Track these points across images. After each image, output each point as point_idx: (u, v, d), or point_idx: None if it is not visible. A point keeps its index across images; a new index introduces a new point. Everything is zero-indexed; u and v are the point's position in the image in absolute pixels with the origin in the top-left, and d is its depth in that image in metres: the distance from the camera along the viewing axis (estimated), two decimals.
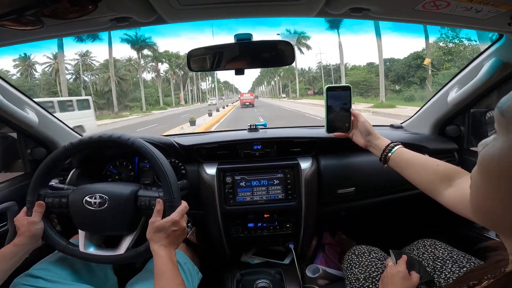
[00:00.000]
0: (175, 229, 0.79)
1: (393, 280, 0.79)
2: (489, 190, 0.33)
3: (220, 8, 0.74)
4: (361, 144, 0.94)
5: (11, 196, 1.04)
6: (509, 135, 0.30)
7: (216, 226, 1.16)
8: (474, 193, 0.36)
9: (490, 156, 0.33)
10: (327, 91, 0.94)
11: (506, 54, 0.94)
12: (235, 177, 1.13)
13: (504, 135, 0.31)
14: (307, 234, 1.22)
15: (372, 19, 0.79)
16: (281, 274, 1.24)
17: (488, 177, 0.33)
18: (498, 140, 0.32)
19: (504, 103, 0.32)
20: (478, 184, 0.35)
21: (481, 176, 0.34)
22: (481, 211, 0.36)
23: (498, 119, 0.32)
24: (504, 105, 0.32)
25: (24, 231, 0.83)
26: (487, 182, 0.33)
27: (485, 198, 0.34)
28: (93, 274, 0.95)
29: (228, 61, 0.90)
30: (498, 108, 0.32)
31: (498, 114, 0.32)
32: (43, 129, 1.13)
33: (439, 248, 0.91)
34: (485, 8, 0.66)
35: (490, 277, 0.36)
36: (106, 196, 0.86)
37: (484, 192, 0.34)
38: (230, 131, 1.38)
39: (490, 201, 0.33)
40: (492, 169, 0.32)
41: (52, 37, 0.79)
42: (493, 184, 0.32)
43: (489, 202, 0.34)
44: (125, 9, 0.67)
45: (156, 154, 0.86)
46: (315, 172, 1.14)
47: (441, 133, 1.30)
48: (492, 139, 0.34)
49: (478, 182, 0.35)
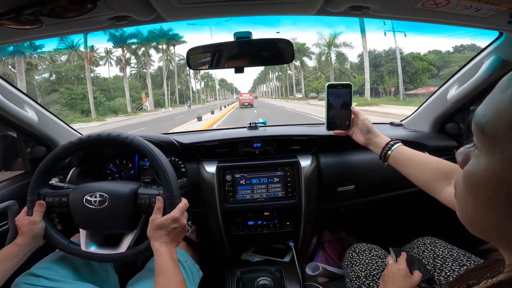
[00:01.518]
0: (175, 226, 0.79)
1: (394, 278, 0.79)
2: (480, 209, 0.31)
3: (220, 7, 0.74)
4: (361, 142, 0.95)
5: (12, 195, 1.04)
6: (494, 155, 0.27)
7: (216, 224, 1.17)
8: (463, 208, 0.34)
9: (475, 177, 0.30)
10: (327, 88, 0.95)
11: (506, 52, 0.94)
12: (235, 175, 1.14)
13: (487, 155, 0.28)
14: (307, 232, 1.22)
15: (371, 17, 0.79)
16: (281, 272, 1.24)
17: (476, 198, 0.30)
18: (482, 160, 0.29)
19: (482, 117, 0.28)
20: (465, 201, 0.33)
21: (469, 196, 0.32)
22: (472, 225, 0.33)
23: (478, 135, 0.29)
24: (483, 119, 0.28)
25: (25, 231, 0.84)
26: (476, 202, 0.31)
27: (475, 215, 0.32)
28: (94, 273, 0.96)
29: (228, 59, 0.90)
30: (476, 122, 0.29)
31: (477, 130, 0.29)
32: (42, 127, 1.13)
33: (439, 246, 0.91)
34: (485, 6, 0.65)
35: (489, 277, 0.36)
36: (106, 195, 0.86)
37: (474, 210, 0.32)
38: (230, 129, 1.38)
39: (481, 218, 0.31)
40: (479, 191, 0.30)
41: (51, 36, 0.79)
42: (484, 205, 0.30)
43: (480, 219, 0.31)
44: (124, 8, 0.66)
45: (155, 152, 0.86)
46: (315, 170, 1.14)
47: (440, 130, 1.30)
48: (473, 153, 0.31)
49: (466, 199, 0.32)
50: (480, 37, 6.60)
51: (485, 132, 0.28)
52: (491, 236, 0.32)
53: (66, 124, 1.27)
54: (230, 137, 1.19)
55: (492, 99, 0.28)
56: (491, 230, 0.31)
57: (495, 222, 0.29)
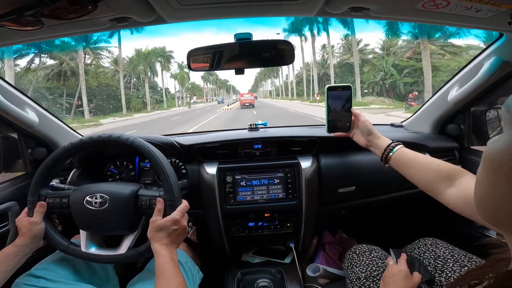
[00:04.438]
0: (175, 228, 0.79)
1: (395, 280, 0.79)
2: (491, 185, 0.33)
3: (220, 8, 0.74)
4: (362, 144, 0.94)
5: (12, 196, 1.04)
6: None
7: (217, 225, 1.16)
8: (478, 188, 0.36)
9: (493, 150, 0.32)
10: (327, 91, 0.94)
11: (506, 53, 0.94)
12: (236, 177, 1.13)
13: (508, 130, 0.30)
14: (308, 233, 1.22)
15: (372, 18, 0.79)
16: (282, 273, 1.24)
17: (490, 171, 0.33)
18: (503, 135, 0.31)
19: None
20: (481, 180, 0.35)
21: (484, 172, 0.34)
22: (485, 207, 0.35)
23: (504, 115, 0.32)
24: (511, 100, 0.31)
25: (25, 232, 0.84)
26: (489, 177, 0.33)
27: (487, 194, 0.34)
28: (94, 274, 0.96)
29: (228, 60, 0.90)
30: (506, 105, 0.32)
31: (505, 111, 0.31)
32: (43, 129, 1.14)
33: (440, 247, 0.91)
34: (485, 7, 0.65)
35: (492, 277, 0.36)
36: (106, 196, 0.86)
37: (487, 188, 0.34)
38: (230, 131, 1.38)
39: (493, 197, 0.33)
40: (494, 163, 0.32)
41: (52, 37, 0.79)
42: (495, 179, 0.32)
43: (492, 199, 0.33)
44: (124, 9, 0.67)
45: (156, 153, 0.86)
46: (315, 171, 1.14)
47: (441, 131, 1.30)
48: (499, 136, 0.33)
49: (481, 177, 0.34)
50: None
51: (509, 111, 0.30)
52: (501, 220, 0.33)
53: (67, 125, 1.27)
54: (231, 138, 1.19)
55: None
56: (501, 213, 0.32)
57: (505, 200, 0.31)
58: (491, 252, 0.40)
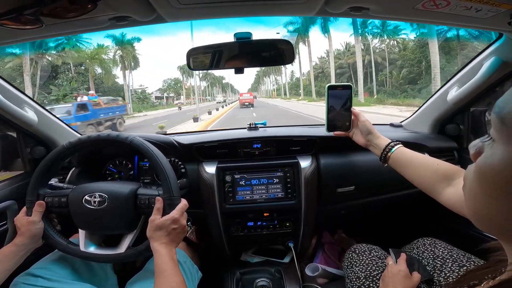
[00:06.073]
0: (175, 227, 0.79)
1: (394, 279, 0.79)
2: (490, 201, 0.31)
3: (220, 7, 0.74)
4: (361, 143, 0.95)
5: (11, 195, 1.03)
6: (510, 146, 0.28)
7: (216, 225, 1.16)
8: (471, 202, 0.34)
9: (489, 168, 0.30)
10: (328, 89, 0.94)
11: (506, 53, 0.94)
12: (235, 176, 1.13)
13: (504, 145, 0.28)
14: (307, 233, 1.22)
15: (372, 18, 0.79)
16: (281, 273, 1.24)
17: (488, 189, 0.31)
18: (497, 150, 0.29)
19: (502, 108, 0.29)
20: (475, 193, 0.33)
21: (480, 188, 0.32)
22: (481, 220, 0.34)
23: (497, 126, 0.29)
24: (503, 110, 0.28)
25: (24, 231, 0.83)
26: (487, 194, 0.31)
27: (484, 208, 0.32)
28: (93, 273, 0.95)
29: (228, 60, 0.90)
30: (496, 113, 0.29)
31: (497, 121, 0.29)
32: (42, 128, 1.13)
33: (439, 247, 0.91)
34: (485, 7, 0.65)
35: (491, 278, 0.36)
36: (105, 195, 0.86)
37: (484, 202, 0.32)
38: (230, 130, 1.38)
39: (491, 211, 0.31)
40: (492, 181, 0.30)
41: (52, 36, 0.79)
42: (496, 196, 0.30)
43: (489, 212, 0.32)
44: (124, 8, 0.67)
45: (155, 152, 0.86)
46: (315, 171, 1.14)
47: (440, 131, 1.30)
48: (488, 146, 0.31)
49: (476, 191, 0.33)
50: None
51: (504, 123, 0.28)
52: (498, 230, 0.33)
53: (66, 124, 1.27)
54: (230, 137, 1.19)
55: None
56: (499, 223, 0.31)
57: (507, 212, 0.30)
58: (491, 254, 0.40)
